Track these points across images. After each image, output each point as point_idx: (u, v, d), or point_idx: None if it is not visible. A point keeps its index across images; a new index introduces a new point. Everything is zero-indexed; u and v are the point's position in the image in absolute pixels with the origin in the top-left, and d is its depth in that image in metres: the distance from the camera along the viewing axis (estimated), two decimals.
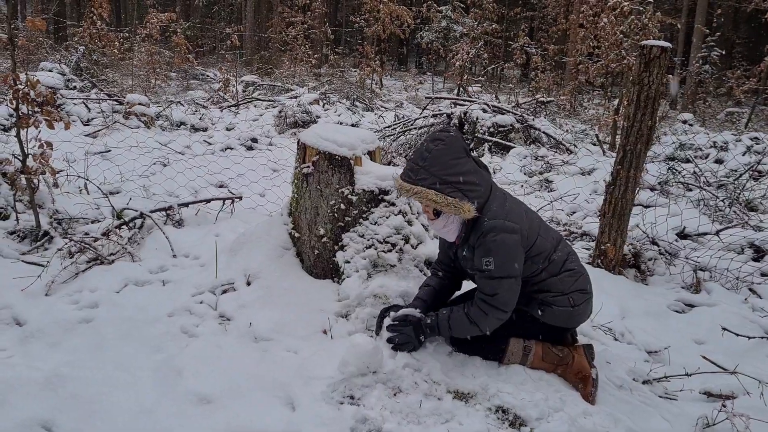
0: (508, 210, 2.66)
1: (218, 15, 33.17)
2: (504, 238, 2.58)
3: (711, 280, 4.23)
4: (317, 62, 21.89)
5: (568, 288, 2.77)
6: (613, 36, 10.07)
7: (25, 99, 3.78)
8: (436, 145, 2.60)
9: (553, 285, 2.76)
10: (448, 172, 2.58)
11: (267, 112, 10.97)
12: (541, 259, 2.72)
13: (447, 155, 2.59)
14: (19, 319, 3.09)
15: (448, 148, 2.59)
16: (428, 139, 2.68)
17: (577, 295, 2.78)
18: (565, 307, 2.76)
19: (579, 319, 2.85)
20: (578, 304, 2.78)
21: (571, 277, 2.79)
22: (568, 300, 2.76)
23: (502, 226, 2.58)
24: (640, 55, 3.88)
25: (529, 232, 2.68)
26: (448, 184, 2.57)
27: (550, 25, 25.48)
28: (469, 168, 2.63)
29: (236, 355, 2.83)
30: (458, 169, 2.59)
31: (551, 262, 2.75)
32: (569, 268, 2.80)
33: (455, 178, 2.58)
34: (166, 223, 4.45)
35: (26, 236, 4.02)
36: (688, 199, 5.77)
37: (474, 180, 2.62)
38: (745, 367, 2.99)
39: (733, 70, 19.06)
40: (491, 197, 2.68)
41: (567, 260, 2.81)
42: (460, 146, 2.63)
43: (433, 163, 2.57)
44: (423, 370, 2.75)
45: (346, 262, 3.26)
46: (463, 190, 2.58)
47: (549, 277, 2.76)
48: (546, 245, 2.74)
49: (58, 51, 14.16)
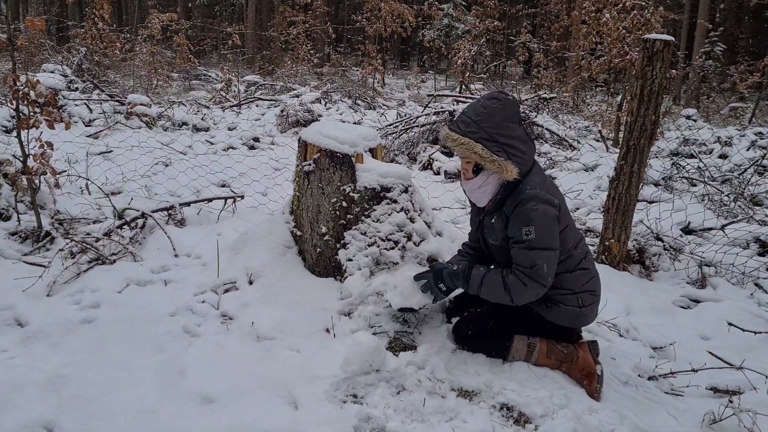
0: (549, 185, 2.68)
1: (220, 15, 33.18)
2: (545, 209, 2.57)
3: (716, 276, 4.20)
4: (319, 61, 21.87)
5: (579, 287, 2.75)
6: (615, 32, 10.03)
7: (25, 99, 3.77)
8: (492, 103, 2.61)
9: (565, 281, 2.73)
10: (499, 131, 2.58)
11: (269, 112, 10.95)
12: (562, 250, 2.69)
13: (500, 116, 2.60)
14: (20, 319, 3.08)
15: (502, 109, 2.61)
16: (485, 96, 2.70)
17: (587, 296, 2.77)
18: (573, 306, 2.74)
19: (584, 321, 2.84)
20: (586, 305, 2.76)
21: (584, 276, 2.78)
22: (576, 299, 2.74)
23: (544, 197, 2.58)
24: (643, 49, 3.86)
25: (562, 217, 2.67)
26: (495, 143, 2.58)
27: (552, 21, 25.41)
28: (519, 134, 2.64)
29: (238, 355, 2.82)
30: (509, 132, 2.60)
31: (570, 257, 2.73)
32: (584, 267, 2.78)
33: (504, 139, 2.58)
34: (167, 223, 4.44)
35: (28, 237, 4.01)
36: (692, 194, 5.73)
37: (521, 147, 2.62)
38: (752, 362, 2.96)
39: (736, 65, 18.95)
40: (533, 170, 2.70)
41: (584, 259, 2.79)
42: (514, 111, 2.65)
43: (485, 119, 2.59)
44: (426, 368, 2.73)
45: (348, 260, 3.24)
46: (509, 153, 2.59)
47: (563, 271, 2.73)
48: (570, 238, 2.73)
49: (60, 52, 14.17)
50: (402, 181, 3.29)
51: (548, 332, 2.81)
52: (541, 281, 2.59)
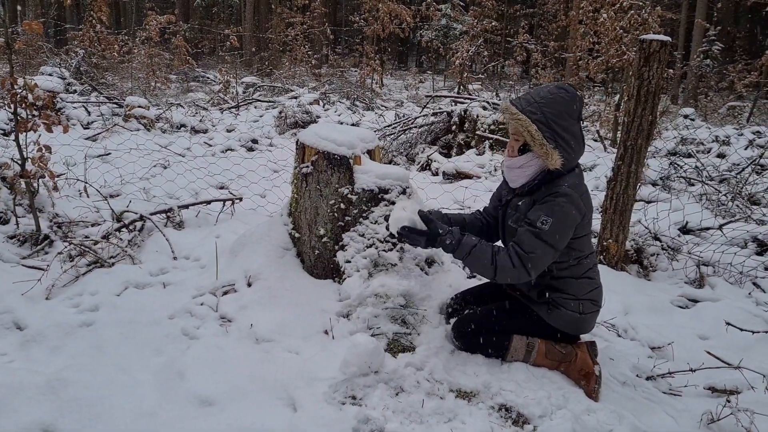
0: (584, 192, 2.69)
1: (218, 16, 33.20)
2: (570, 211, 2.59)
3: (714, 275, 4.21)
4: (317, 62, 21.88)
5: (582, 294, 2.78)
6: (612, 32, 10.04)
7: (23, 103, 3.77)
8: (560, 92, 2.62)
9: (569, 286, 2.76)
10: (557, 120, 2.58)
11: (267, 113, 10.96)
12: (574, 255, 2.73)
13: (563, 106, 2.60)
14: (19, 323, 3.08)
15: (567, 101, 2.61)
16: (555, 84, 2.70)
17: (588, 304, 2.79)
18: (574, 312, 2.76)
19: (583, 328, 2.86)
20: (586, 312, 2.79)
21: (588, 285, 2.80)
22: (578, 305, 2.76)
23: (575, 200, 2.60)
24: (640, 49, 3.86)
25: (584, 227, 2.71)
26: (550, 129, 2.58)
27: (550, 21, 25.46)
28: (575, 130, 2.64)
29: (237, 357, 2.82)
30: (566, 124, 2.60)
31: (579, 264, 2.76)
32: (590, 276, 2.81)
33: (559, 129, 2.59)
34: (166, 225, 4.45)
35: (26, 240, 4.02)
36: (690, 194, 5.74)
37: (572, 143, 2.62)
38: (750, 361, 2.96)
39: (734, 64, 18.98)
40: (576, 171, 2.72)
41: (591, 269, 2.83)
42: (577, 107, 2.65)
43: (548, 104, 2.59)
44: (425, 369, 2.74)
45: (346, 261, 3.24)
46: (559, 143, 2.59)
47: (570, 276, 2.76)
48: (585, 248, 2.76)
49: (58, 55, 14.17)
50: (400, 182, 3.29)
51: (546, 335, 2.82)
52: (529, 269, 2.59)
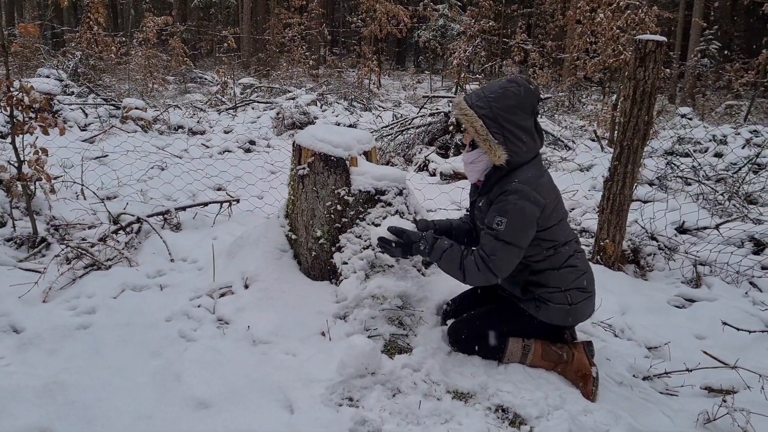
0: (540, 183, 2.62)
1: (215, 17, 33.17)
2: (524, 206, 2.55)
3: (711, 275, 4.21)
4: (315, 63, 21.87)
5: (567, 284, 2.74)
6: (609, 31, 10.05)
7: (19, 105, 3.77)
8: (511, 86, 2.59)
9: (552, 279, 2.73)
10: (505, 115, 2.55)
11: (265, 114, 10.95)
12: (547, 246, 2.70)
13: (513, 100, 2.56)
14: (16, 326, 3.08)
15: (518, 95, 2.57)
16: (508, 78, 2.67)
17: (576, 293, 2.75)
18: (562, 304, 2.74)
19: (577, 318, 2.81)
20: (576, 302, 2.75)
21: (572, 273, 2.75)
22: (565, 297, 2.73)
23: (528, 194, 2.55)
24: (636, 49, 3.87)
25: (550, 216, 2.65)
26: (497, 124, 2.55)
27: (548, 21, 25.45)
28: (526, 125, 2.59)
29: (235, 359, 2.83)
30: (515, 118, 2.56)
31: (556, 253, 2.72)
32: (572, 264, 2.76)
33: (507, 124, 2.55)
34: (163, 228, 4.45)
35: (23, 243, 4.02)
36: (687, 193, 5.75)
37: (522, 137, 2.58)
38: (746, 361, 2.97)
39: (731, 63, 19.00)
40: (531, 164, 2.65)
41: (572, 256, 2.77)
42: (530, 101, 2.60)
43: (497, 99, 2.56)
44: (422, 370, 2.74)
45: (343, 263, 3.24)
46: (507, 138, 2.56)
47: (549, 269, 2.73)
48: (558, 236, 2.71)
49: (55, 56, 14.16)
50: (397, 183, 3.30)
51: (541, 331, 2.81)
52: (495, 271, 2.60)
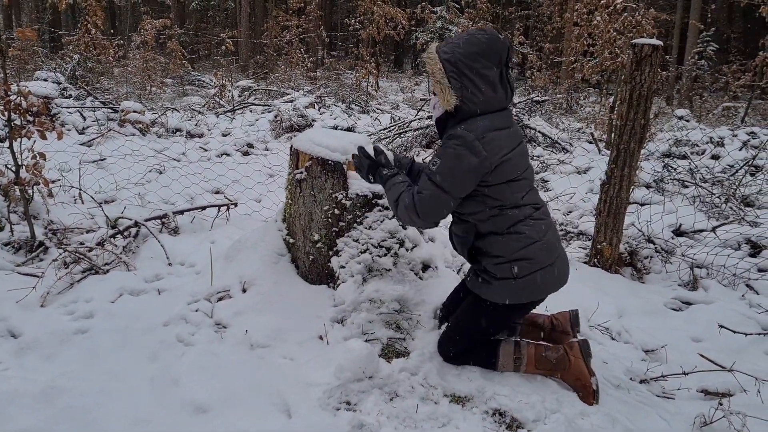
0: (490, 136, 2.45)
1: (213, 20, 33.18)
2: (462, 153, 2.42)
3: (708, 277, 4.23)
4: (312, 65, 21.89)
5: (511, 253, 2.55)
6: (606, 34, 10.08)
7: (17, 110, 3.77)
8: (479, 34, 2.47)
9: (494, 245, 2.58)
10: (466, 61, 2.43)
11: (263, 117, 10.96)
12: (492, 204, 2.54)
13: (478, 48, 2.43)
14: (14, 331, 3.08)
15: (483, 43, 2.44)
16: (481, 27, 2.60)
17: (522, 265, 2.56)
18: (507, 278, 2.57)
19: (527, 293, 2.62)
20: (521, 275, 2.56)
21: (518, 241, 2.55)
22: (510, 269, 2.56)
23: (468, 142, 2.42)
24: (632, 53, 3.88)
25: (496, 173, 2.48)
26: (456, 70, 2.44)
27: (545, 23, 25.48)
28: (488, 74, 2.46)
29: (232, 363, 2.83)
30: (477, 66, 2.44)
31: (501, 215, 2.55)
32: (519, 230, 2.55)
33: (467, 70, 2.44)
34: (161, 231, 4.45)
35: (21, 247, 4.01)
36: (683, 196, 5.76)
37: (481, 86, 2.45)
38: (743, 364, 2.98)
39: (729, 64, 19.04)
40: (487, 116, 2.49)
41: (521, 222, 2.56)
42: (496, 50, 2.45)
43: (462, 45, 2.45)
44: (419, 374, 2.75)
45: (341, 267, 3.25)
46: (464, 86, 2.45)
47: (493, 232, 2.57)
48: (506, 197, 2.54)
49: (53, 59, 14.17)
50: None
51: (501, 315, 2.70)
52: (419, 211, 2.50)
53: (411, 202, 2.52)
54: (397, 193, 2.61)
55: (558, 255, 2.66)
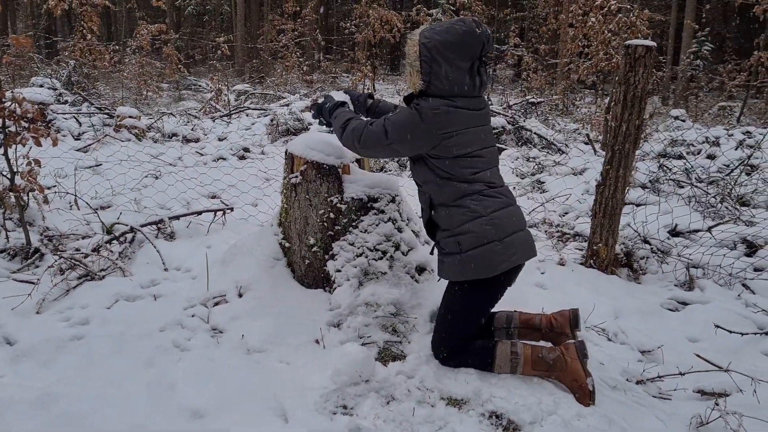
0: (444, 111, 2.58)
1: (209, 24, 33.19)
2: (414, 115, 2.60)
3: (704, 277, 4.23)
4: (309, 69, 21.89)
5: (455, 227, 2.65)
6: (601, 35, 10.10)
7: (11, 116, 3.77)
8: (458, 24, 2.57)
9: (442, 218, 2.69)
10: (440, 48, 2.55)
11: (259, 121, 10.95)
12: (441, 175, 2.65)
13: (455, 37, 2.54)
14: (9, 338, 3.07)
15: (460, 34, 2.54)
16: (463, 17, 2.75)
17: (465, 239, 2.62)
18: (454, 253, 2.65)
19: (477, 269, 2.63)
20: (466, 249, 2.62)
21: (462, 215, 2.64)
22: (456, 243, 2.64)
23: (423, 110, 2.57)
24: (626, 54, 3.89)
25: (444, 146, 2.60)
26: (430, 55, 2.56)
27: (540, 24, 25.54)
28: (460, 64, 2.57)
29: (229, 368, 2.83)
30: (449, 55, 2.55)
31: (449, 186, 2.65)
32: (465, 204, 2.64)
33: (439, 57, 2.55)
34: (157, 237, 4.45)
35: (17, 254, 4.01)
36: (679, 196, 5.77)
37: (449, 75, 2.57)
38: (739, 364, 2.99)
39: (724, 64, 19.10)
40: (447, 101, 2.60)
41: (469, 196, 2.65)
42: (471, 43, 2.56)
43: (441, 33, 2.56)
44: (415, 377, 2.75)
45: (336, 270, 3.25)
46: (434, 71, 2.58)
47: (443, 204, 2.69)
48: (456, 171, 2.63)
49: (48, 65, 14.15)
50: (389, 191, 3.31)
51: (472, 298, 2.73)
52: (362, 138, 2.72)
53: (360, 129, 2.75)
54: (344, 119, 2.86)
55: (511, 233, 2.68)
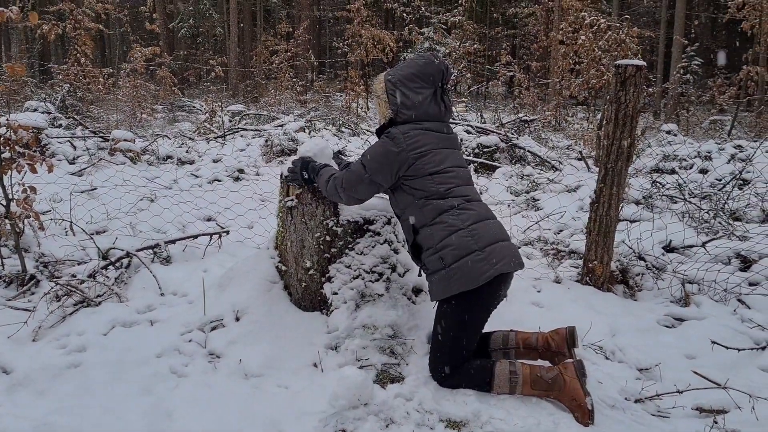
0: (413, 134, 2.80)
1: (202, 45, 33.38)
2: (385, 143, 2.82)
3: (699, 293, 4.24)
4: (302, 89, 22.01)
5: (436, 243, 2.75)
6: (592, 53, 10.21)
7: (6, 144, 3.78)
8: (418, 58, 2.89)
9: (425, 238, 2.79)
10: (403, 80, 2.85)
11: (253, 142, 10.98)
12: (418, 196, 2.80)
13: (415, 69, 2.86)
14: (6, 367, 3.06)
15: (420, 65, 2.87)
16: (424, 54, 2.99)
17: (447, 253, 2.71)
18: (438, 270, 2.75)
19: (462, 282, 2.69)
20: (449, 264, 2.70)
21: (442, 231, 2.74)
22: (439, 259, 2.74)
23: (395, 137, 2.79)
24: (616, 74, 3.94)
25: (418, 165, 2.78)
26: (394, 87, 2.86)
27: (531, 42, 25.78)
28: (422, 92, 2.85)
29: (227, 394, 2.82)
30: (412, 84, 2.84)
31: (427, 205, 2.79)
32: (443, 220, 2.75)
33: (403, 88, 2.84)
34: (153, 261, 4.44)
35: (12, 281, 4.00)
36: (672, 212, 5.80)
37: (415, 102, 2.84)
38: (737, 379, 2.99)
39: (714, 78, 19.29)
40: (414, 125, 2.84)
41: (447, 212, 2.76)
42: (431, 72, 2.86)
43: (402, 68, 2.89)
44: (414, 400, 2.75)
45: (333, 293, 3.26)
46: (401, 101, 2.85)
47: (424, 224, 2.80)
48: (430, 189, 2.79)
49: (42, 89, 14.20)
50: (385, 213, 3.33)
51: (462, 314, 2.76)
52: (344, 184, 2.89)
53: (339, 177, 2.91)
54: (328, 175, 2.99)
55: (492, 243, 2.74)
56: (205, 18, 30.61)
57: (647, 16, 29.83)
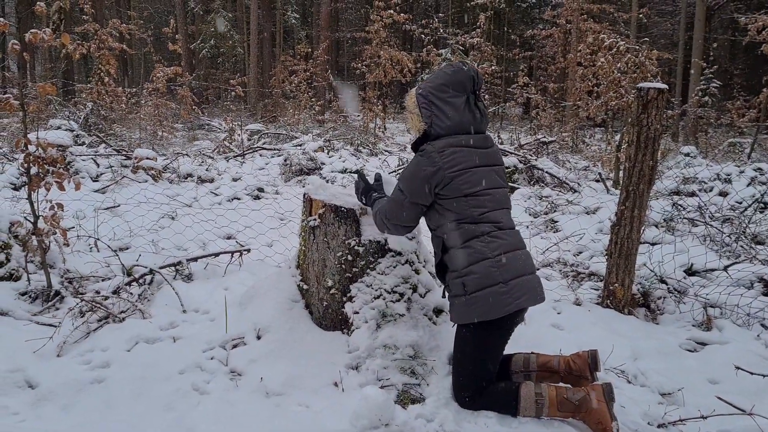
0: (449, 152, 2.72)
1: (222, 65, 33.81)
2: (419, 161, 2.75)
3: (722, 317, 4.20)
4: (321, 109, 22.19)
5: (461, 267, 2.72)
6: (611, 75, 10.21)
7: (36, 162, 3.86)
8: (446, 68, 2.84)
9: (451, 260, 2.76)
10: (434, 91, 2.80)
11: (272, 161, 11.09)
12: (451, 218, 2.75)
13: (444, 79, 2.79)
14: (31, 381, 3.10)
15: (450, 75, 2.80)
16: (453, 62, 2.91)
17: (470, 279, 2.68)
18: (459, 295, 2.73)
19: (481, 311, 2.67)
20: (471, 291, 2.68)
21: (469, 256, 2.70)
22: (461, 284, 2.71)
23: (430, 154, 2.72)
24: (638, 97, 3.95)
25: (453, 185, 2.70)
26: (427, 100, 2.81)
27: (549, 63, 25.85)
28: (455, 102, 2.78)
29: (248, 412, 2.84)
30: (444, 95, 2.78)
31: (459, 228, 2.73)
32: (472, 246, 2.71)
33: (435, 99, 2.78)
34: (175, 278, 4.49)
35: (38, 297, 4.06)
36: (694, 235, 5.76)
37: (447, 111, 2.77)
38: (762, 406, 2.94)
39: (732, 101, 19.19)
40: (451, 137, 2.77)
41: (476, 238, 2.72)
42: (461, 80, 2.79)
43: (432, 79, 2.84)
44: (435, 421, 2.74)
45: (354, 312, 3.27)
46: (433, 113, 2.79)
47: (453, 246, 2.75)
48: (465, 211, 2.73)
49: (66, 107, 14.44)
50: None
51: (480, 339, 2.76)
52: (387, 213, 2.88)
53: (383, 207, 2.92)
54: (377, 207, 2.99)
55: (517, 276, 2.72)
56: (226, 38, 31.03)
57: (665, 38, 29.83)
